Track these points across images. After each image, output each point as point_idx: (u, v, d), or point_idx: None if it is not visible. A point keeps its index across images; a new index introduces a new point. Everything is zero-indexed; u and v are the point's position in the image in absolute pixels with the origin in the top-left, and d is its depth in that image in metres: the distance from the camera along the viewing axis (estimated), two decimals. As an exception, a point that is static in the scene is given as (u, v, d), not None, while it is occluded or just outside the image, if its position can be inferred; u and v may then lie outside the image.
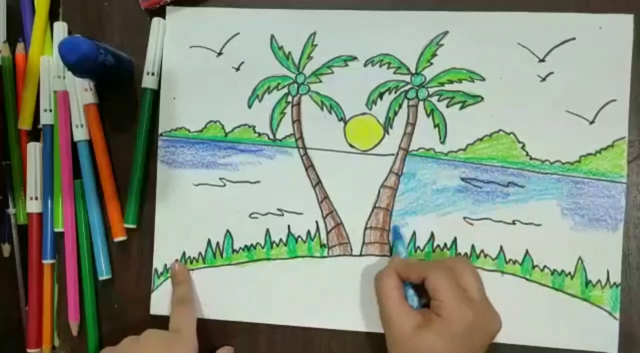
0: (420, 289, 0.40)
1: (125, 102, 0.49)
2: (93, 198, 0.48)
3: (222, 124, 0.48)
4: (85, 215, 0.48)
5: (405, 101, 0.46)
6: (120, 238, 0.48)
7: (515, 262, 0.45)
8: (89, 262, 0.48)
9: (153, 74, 0.47)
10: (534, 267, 0.44)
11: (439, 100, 0.46)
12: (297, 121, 0.47)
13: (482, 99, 0.45)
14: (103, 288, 0.49)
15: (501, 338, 0.44)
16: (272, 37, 0.47)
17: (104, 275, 0.48)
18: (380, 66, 0.46)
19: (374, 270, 0.45)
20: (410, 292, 0.41)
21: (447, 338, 0.36)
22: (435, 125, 0.46)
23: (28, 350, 0.49)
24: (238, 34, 0.48)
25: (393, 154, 0.46)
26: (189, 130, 0.48)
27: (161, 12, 0.48)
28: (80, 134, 0.48)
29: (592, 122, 0.44)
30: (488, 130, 0.45)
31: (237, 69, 0.48)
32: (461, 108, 0.46)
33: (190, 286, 0.47)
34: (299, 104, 0.47)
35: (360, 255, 0.46)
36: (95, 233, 0.48)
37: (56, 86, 0.48)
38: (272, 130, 0.47)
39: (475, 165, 0.45)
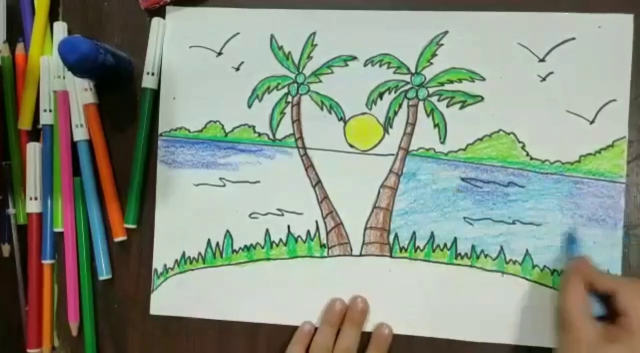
0: (600, 299, 0.40)
1: (125, 102, 0.49)
2: (93, 198, 0.48)
3: (222, 123, 0.48)
4: (85, 215, 0.48)
5: (405, 101, 0.46)
6: (120, 238, 0.48)
7: (515, 262, 0.44)
8: (88, 262, 0.48)
9: (153, 73, 0.47)
10: (534, 267, 0.44)
11: (439, 100, 0.46)
12: (297, 121, 0.47)
13: (482, 98, 0.45)
14: (103, 288, 0.49)
15: (502, 338, 0.44)
16: (272, 37, 0.47)
17: (104, 275, 0.48)
18: (380, 66, 0.46)
19: (374, 270, 0.46)
20: (590, 297, 0.40)
21: (629, 352, 0.36)
22: (435, 125, 0.46)
23: (28, 350, 0.49)
24: (238, 34, 0.48)
25: (393, 154, 0.46)
26: (188, 130, 0.48)
27: (161, 12, 0.48)
28: (80, 134, 0.48)
29: (592, 122, 0.44)
30: (488, 130, 0.45)
31: (237, 69, 0.48)
32: (461, 108, 0.46)
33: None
34: (298, 103, 0.47)
35: (360, 255, 0.46)
36: (96, 233, 0.48)
37: (56, 86, 0.48)
38: (272, 130, 0.47)
39: (475, 165, 0.45)
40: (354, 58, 0.47)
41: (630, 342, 0.36)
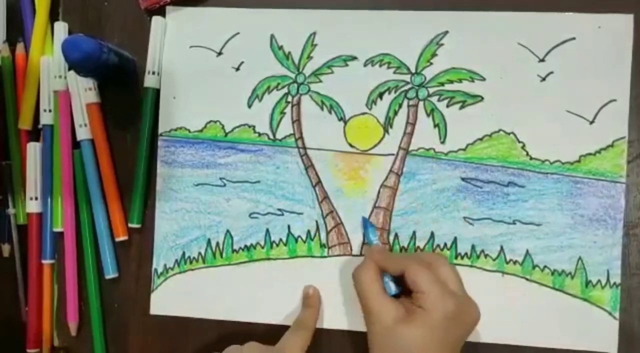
0: (397, 279, 0.41)
1: (127, 101, 0.49)
2: (97, 197, 0.48)
3: (222, 123, 0.48)
4: (89, 214, 0.48)
5: (405, 101, 0.46)
6: (122, 238, 0.48)
7: (515, 262, 0.44)
8: (93, 261, 0.48)
9: (155, 73, 0.47)
10: (534, 267, 0.44)
11: (439, 100, 0.46)
12: (297, 121, 0.47)
13: (482, 98, 0.45)
14: (103, 288, 0.49)
15: (501, 338, 0.44)
16: (272, 37, 0.47)
17: (111, 274, 0.48)
18: (380, 66, 0.46)
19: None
20: (386, 278, 0.41)
21: (428, 329, 0.37)
22: (435, 125, 0.46)
23: (28, 350, 0.49)
24: (238, 33, 0.48)
25: (393, 154, 0.46)
26: (188, 130, 0.48)
27: (161, 12, 0.48)
28: (83, 133, 0.48)
29: (592, 122, 0.44)
30: (488, 130, 0.45)
31: (237, 69, 0.48)
32: (461, 108, 0.46)
33: (316, 313, 0.45)
34: (298, 103, 0.47)
35: (360, 255, 0.46)
36: (101, 233, 0.48)
37: (56, 86, 0.48)
38: (272, 130, 0.47)
39: (475, 165, 0.45)
40: (354, 58, 0.47)
41: (422, 317, 0.37)
